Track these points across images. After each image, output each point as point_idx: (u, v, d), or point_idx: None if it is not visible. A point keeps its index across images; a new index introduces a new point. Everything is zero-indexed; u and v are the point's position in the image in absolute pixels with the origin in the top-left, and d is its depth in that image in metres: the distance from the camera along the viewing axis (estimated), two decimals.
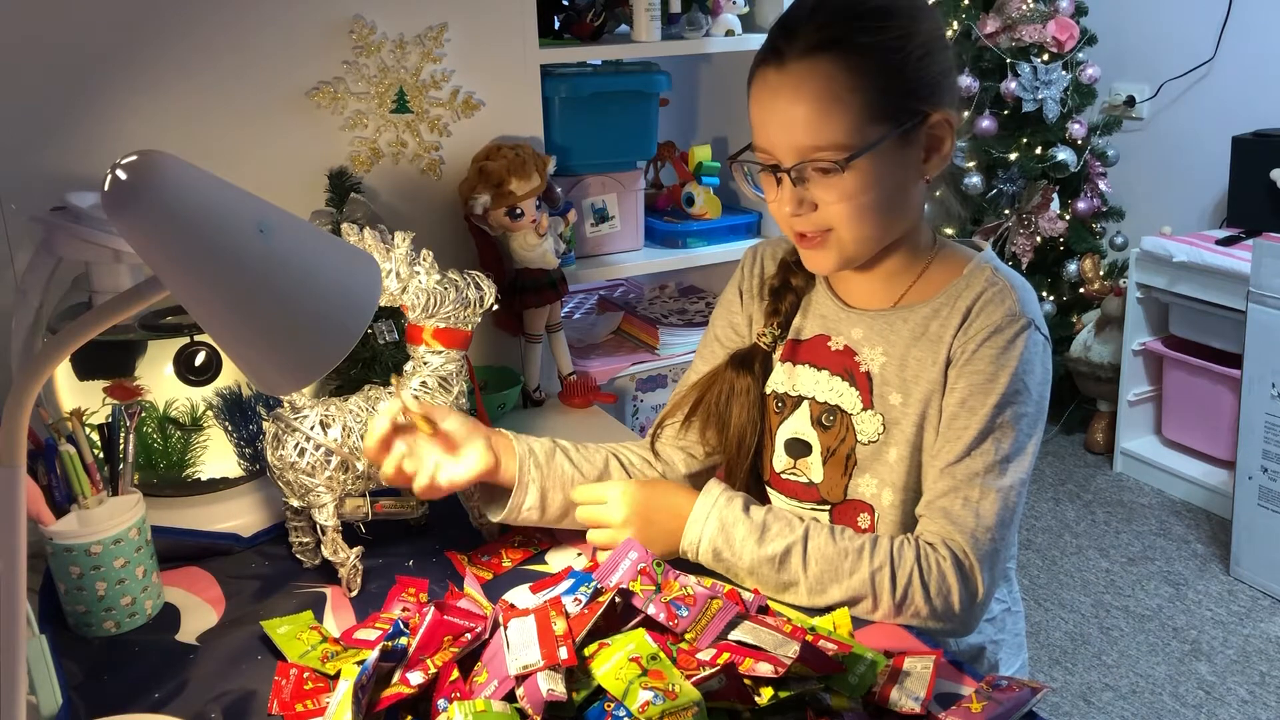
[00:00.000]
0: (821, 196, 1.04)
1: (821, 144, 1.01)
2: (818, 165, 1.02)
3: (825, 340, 1.17)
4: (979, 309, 1.07)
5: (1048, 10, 3.06)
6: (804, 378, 1.17)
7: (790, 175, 1.03)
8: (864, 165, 1.01)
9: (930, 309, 1.10)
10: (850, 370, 1.14)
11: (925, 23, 1.04)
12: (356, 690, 0.84)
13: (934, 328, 1.09)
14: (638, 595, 0.97)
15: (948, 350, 1.08)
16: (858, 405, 1.13)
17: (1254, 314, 2.44)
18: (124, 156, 0.62)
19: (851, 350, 1.14)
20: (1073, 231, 3.21)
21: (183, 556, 1.17)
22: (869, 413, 1.12)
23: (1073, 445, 3.34)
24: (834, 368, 1.15)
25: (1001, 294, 1.07)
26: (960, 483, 1.04)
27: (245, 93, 1.49)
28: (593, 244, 2.00)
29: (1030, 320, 1.06)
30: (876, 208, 1.04)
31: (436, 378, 1.16)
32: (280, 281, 0.67)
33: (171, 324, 1.21)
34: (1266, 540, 2.49)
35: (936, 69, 1.04)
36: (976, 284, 1.09)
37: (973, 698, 0.89)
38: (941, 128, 1.04)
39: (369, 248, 1.10)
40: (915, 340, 1.10)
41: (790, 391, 1.18)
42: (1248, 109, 3.01)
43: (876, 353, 1.13)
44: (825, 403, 1.15)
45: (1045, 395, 1.08)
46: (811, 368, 1.17)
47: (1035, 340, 1.06)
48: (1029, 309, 1.07)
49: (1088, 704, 2.17)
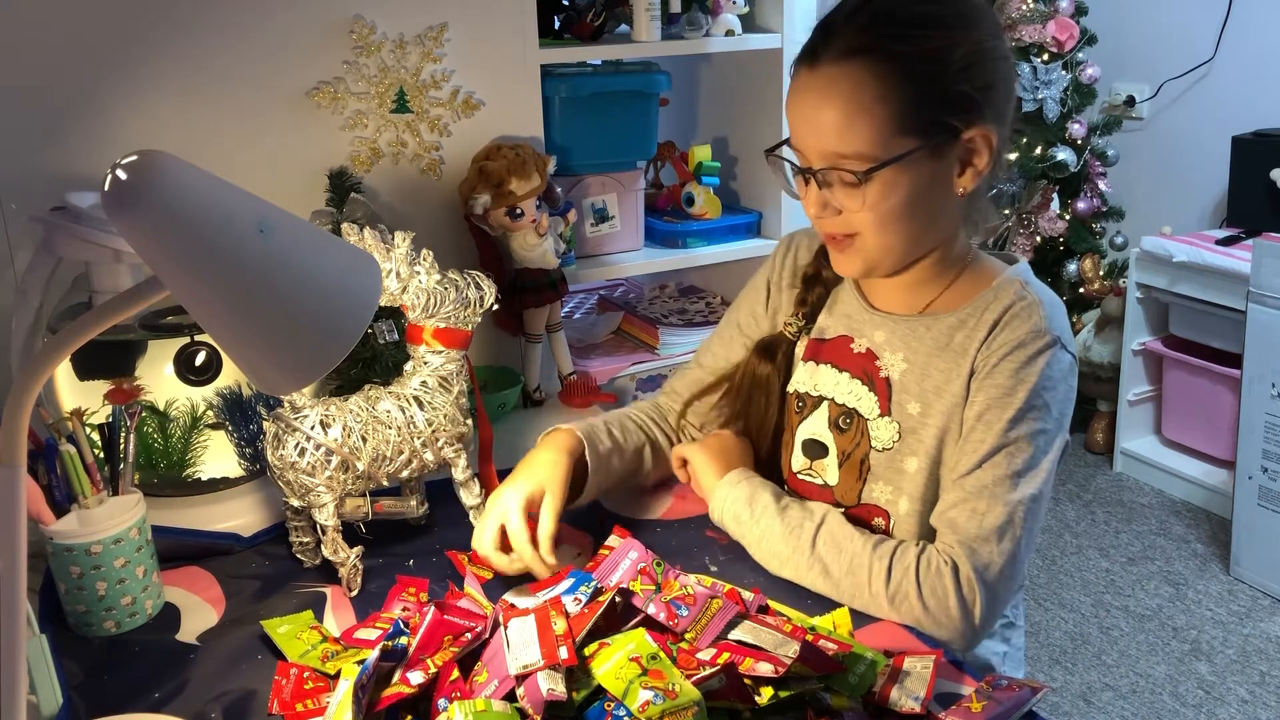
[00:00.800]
0: (845, 203, 1.02)
1: (846, 152, 0.99)
2: (841, 172, 1.00)
3: (849, 341, 1.16)
4: (1005, 322, 1.05)
5: (1048, 10, 3.06)
6: (825, 378, 1.17)
7: (816, 178, 1.02)
8: (889, 176, 0.99)
9: (957, 319, 1.09)
10: (870, 374, 1.13)
11: (975, 32, 1.00)
12: (356, 690, 0.84)
13: (959, 339, 1.08)
14: (638, 595, 0.97)
15: (971, 363, 1.06)
16: (875, 410, 1.12)
17: (1254, 314, 2.44)
18: (124, 156, 0.62)
19: (873, 354, 1.13)
20: (1073, 231, 3.21)
21: (183, 556, 1.17)
22: (885, 419, 1.11)
23: (1073, 445, 3.32)
24: (855, 370, 1.14)
25: (1029, 309, 1.05)
26: (969, 494, 1.03)
27: (245, 93, 1.49)
28: (593, 244, 2.00)
29: (1056, 338, 1.04)
30: (902, 219, 1.02)
31: (436, 378, 1.16)
32: (280, 281, 0.67)
33: (171, 324, 1.22)
34: (1266, 540, 2.49)
35: (981, 82, 1.00)
36: (1005, 297, 1.07)
37: (973, 698, 0.89)
38: (977, 143, 1.01)
39: (369, 248, 1.10)
40: (939, 351, 1.09)
41: (811, 391, 1.18)
42: (1248, 109, 3.01)
43: (898, 359, 1.11)
44: (843, 405, 1.14)
45: (1067, 414, 1.06)
46: (833, 368, 1.16)
47: (1060, 359, 1.04)
48: (1056, 326, 1.05)
49: (1088, 704, 2.17)
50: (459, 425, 1.16)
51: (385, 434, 1.12)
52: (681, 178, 2.21)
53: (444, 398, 1.15)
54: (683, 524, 1.22)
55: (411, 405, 1.14)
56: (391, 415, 1.12)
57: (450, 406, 1.15)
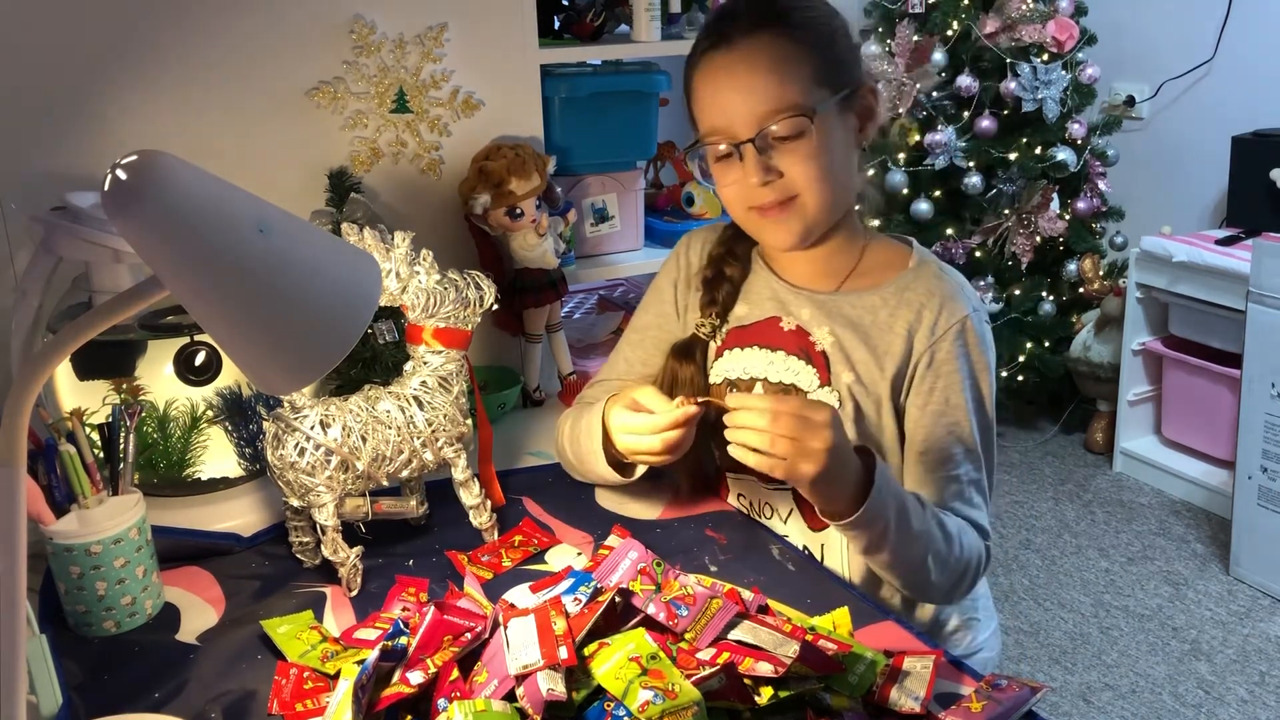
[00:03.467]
0: (784, 162, 1.09)
1: (782, 107, 1.07)
2: (781, 130, 1.07)
3: (777, 321, 1.19)
4: (939, 308, 1.14)
5: (1047, 10, 3.06)
6: (755, 359, 1.19)
7: (755, 144, 1.08)
8: (820, 127, 1.08)
9: (879, 298, 1.16)
10: (806, 349, 1.17)
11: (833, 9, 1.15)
12: (356, 690, 0.84)
13: (883, 316, 1.15)
14: (638, 595, 0.97)
15: (904, 345, 1.13)
16: (815, 383, 1.16)
17: (1254, 314, 2.44)
18: (124, 156, 0.62)
19: (804, 330, 1.18)
20: (1073, 231, 3.21)
21: (183, 556, 1.17)
22: (826, 389, 1.15)
23: (1073, 445, 3.34)
24: (789, 347, 1.18)
25: (954, 292, 1.15)
26: (965, 485, 1.13)
27: (245, 92, 1.49)
28: (593, 244, 2.00)
29: (977, 311, 1.15)
30: (833, 172, 1.11)
31: (436, 378, 1.16)
32: (280, 281, 0.67)
33: (171, 324, 1.21)
34: (1266, 540, 2.49)
35: (854, 46, 1.15)
36: (925, 281, 1.16)
37: (972, 697, 0.89)
38: (870, 96, 1.14)
39: (369, 248, 1.10)
40: (863, 326, 1.15)
41: (743, 375, 1.20)
42: (1247, 109, 3.01)
43: (824, 332, 1.17)
44: (779, 382, 1.17)
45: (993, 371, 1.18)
46: (764, 349, 1.19)
47: (981, 322, 1.16)
48: (972, 298, 1.16)
49: (1088, 704, 2.17)
50: (459, 425, 1.16)
51: (385, 434, 1.12)
52: (681, 178, 2.21)
53: (444, 398, 1.15)
54: (682, 524, 1.22)
55: (411, 405, 1.14)
56: (391, 415, 1.13)
57: (450, 406, 1.16)
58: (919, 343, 1.14)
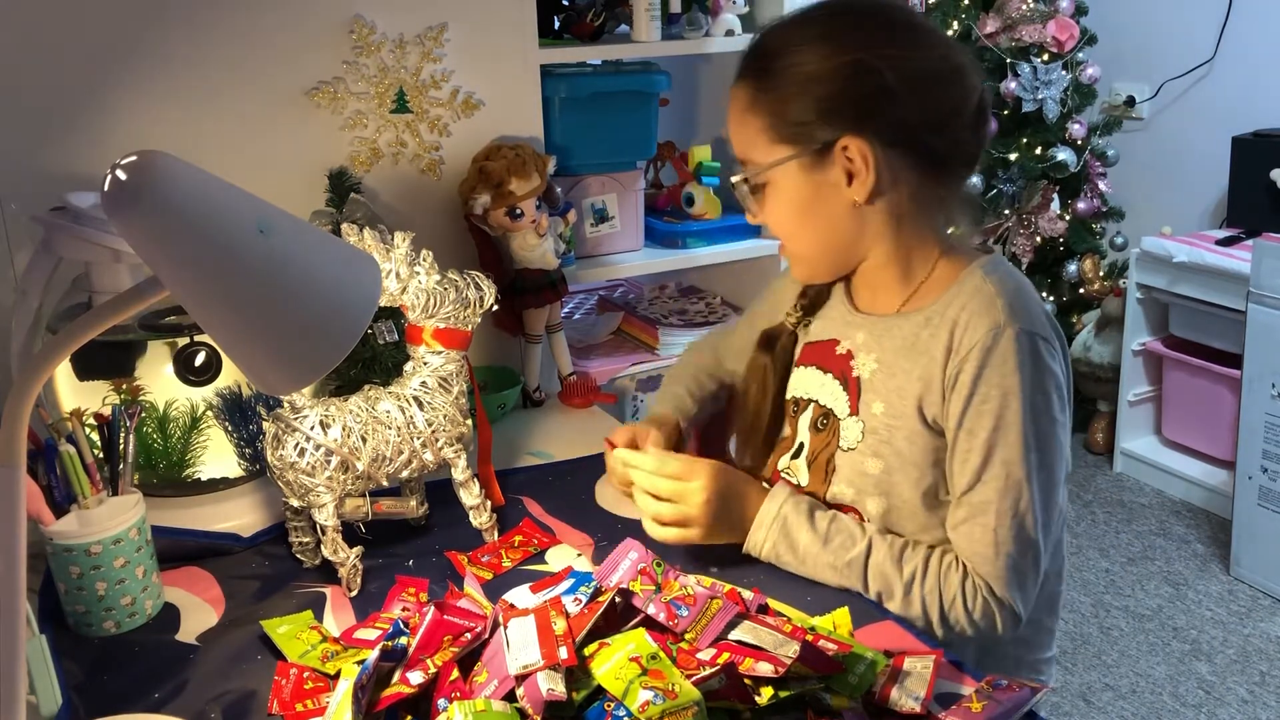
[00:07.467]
0: (750, 209, 1.13)
1: (743, 158, 1.11)
2: (740, 179, 1.11)
3: (834, 344, 1.17)
4: (964, 324, 1.04)
5: (1048, 10, 3.06)
6: (811, 380, 1.18)
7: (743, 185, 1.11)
8: (777, 183, 1.08)
9: (923, 317, 1.09)
10: (845, 374, 1.14)
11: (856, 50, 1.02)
12: (356, 690, 0.84)
13: (924, 337, 1.08)
14: (638, 595, 0.97)
15: (940, 369, 1.05)
16: (845, 410, 1.13)
17: (1254, 314, 2.44)
18: (124, 156, 0.62)
19: (851, 354, 1.15)
20: (1073, 232, 3.21)
21: (183, 556, 1.17)
22: (853, 419, 1.12)
23: (1073, 445, 3.33)
24: (835, 371, 1.16)
25: (986, 305, 1.04)
26: (976, 510, 1.04)
27: (245, 92, 1.49)
28: (593, 244, 2.00)
29: (1018, 328, 1.02)
30: (796, 225, 1.11)
31: (436, 378, 1.16)
32: (280, 281, 0.67)
33: (171, 324, 1.21)
34: (1266, 540, 2.49)
35: (856, 93, 1.02)
36: (964, 293, 1.06)
37: (973, 698, 0.89)
38: (852, 153, 1.03)
39: (369, 248, 1.10)
40: (905, 349, 1.09)
41: (802, 395, 1.19)
42: (1247, 109, 3.01)
43: (870, 359, 1.12)
44: (825, 406, 1.16)
45: (1053, 397, 1.04)
46: (817, 370, 1.18)
47: (1024, 346, 1.02)
48: (1017, 316, 1.03)
49: (1088, 704, 2.17)
50: (459, 426, 1.16)
51: (385, 434, 1.12)
52: (681, 178, 2.21)
53: (444, 398, 1.15)
54: None
55: (411, 405, 1.14)
56: (391, 415, 1.12)
57: (450, 407, 1.16)
58: (951, 363, 1.05)
